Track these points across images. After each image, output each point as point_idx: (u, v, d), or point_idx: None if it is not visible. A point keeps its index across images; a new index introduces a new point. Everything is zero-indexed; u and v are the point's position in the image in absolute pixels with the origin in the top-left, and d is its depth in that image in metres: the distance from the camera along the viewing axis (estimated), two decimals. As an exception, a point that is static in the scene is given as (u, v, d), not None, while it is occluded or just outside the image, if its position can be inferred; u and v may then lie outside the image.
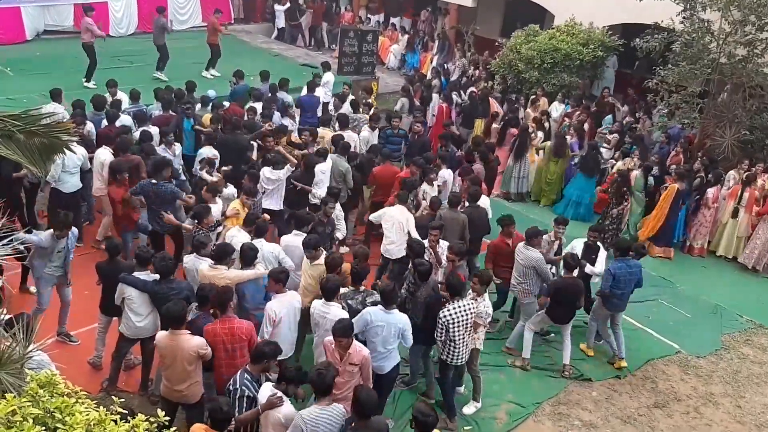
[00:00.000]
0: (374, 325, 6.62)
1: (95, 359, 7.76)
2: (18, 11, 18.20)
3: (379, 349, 6.67)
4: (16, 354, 4.17)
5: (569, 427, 7.70)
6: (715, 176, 11.81)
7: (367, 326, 6.62)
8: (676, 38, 12.72)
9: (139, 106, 11.63)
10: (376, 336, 6.65)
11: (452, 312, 6.98)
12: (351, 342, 6.16)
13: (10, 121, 5.42)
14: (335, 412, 5.50)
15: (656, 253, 11.61)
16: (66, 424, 3.59)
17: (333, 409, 5.49)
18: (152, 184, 8.90)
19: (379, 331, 6.63)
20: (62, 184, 9.51)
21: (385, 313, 6.67)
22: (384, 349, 6.71)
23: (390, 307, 6.71)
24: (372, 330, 6.64)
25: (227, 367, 6.25)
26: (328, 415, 5.43)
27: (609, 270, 8.37)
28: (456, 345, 7.08)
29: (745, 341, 9.70)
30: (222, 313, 6.36)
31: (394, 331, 6.69)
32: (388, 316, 6.68)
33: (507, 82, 16.19)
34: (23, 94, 12.90)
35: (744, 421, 8.09)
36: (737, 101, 12.78)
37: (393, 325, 6.67)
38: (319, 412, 5.39)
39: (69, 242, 7.66)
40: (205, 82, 15.18)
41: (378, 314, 6.67)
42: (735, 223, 11.68)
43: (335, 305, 6.72)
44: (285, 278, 6.92)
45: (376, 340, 6.66)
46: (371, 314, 6.65)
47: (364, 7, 23.59)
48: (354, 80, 16.65)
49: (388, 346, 6.71)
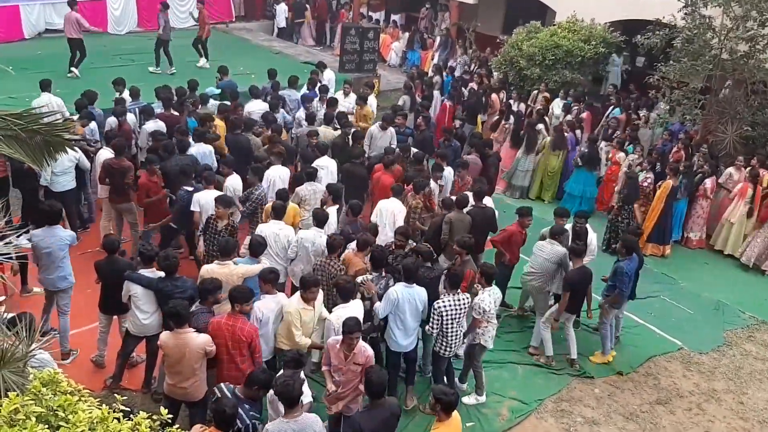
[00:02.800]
0: (401, 302, 6.90)
1: (98, 358, 7.79)
2: (16, 9, 18.22)
3: (407, 325, 7.01)
4: (19, 352, 4.18)
5: (572, 423, 7.70)
6: (711, 167, 11.81)
7: (396, 305, 6.88)
8: (677, 34, 12.69)
9: (140, 103, 11.63)
10: (404, 313, 6.97)
11: (446, 303, 7.09)
12: (358, 340, 6.17)
13: (12, 120, 5.44)
14: (305, 424, 5.26)
15: (649, 251, 11.46)
16: (69, 422, 3.60)
17: (302, 422, 5.24)
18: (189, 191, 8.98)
19: (407, 307, 6.94)
20: (52, 184, 9.56)
21: (408, 288, 6.96)
22: (412, 324, 7.06)
23: (411, 282, 6.99)
24: (400, 307, 6.92)
25: (228, 364, 6.24)
26: (298, 429, 5.20)
27: (625, 272, 8.28)
28: (447, 336, 7.20)
29: (748, 337, 9.70)
30: (233, 310, 6.29)
31: (419, 305, 7.03)
32: (411, 290, 6.99)
33: (508, 79, 16.17)
34: (25, 93, 12.86)
35: (746, 418, 8.09)
36: (739, 97, 12.76)
37: (417, 300, 7.00)
38: (285, 426, 5.17)
39: (53, 241, 7.41)
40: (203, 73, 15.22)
41: (403, 291, 6.94)
42: (743, 221, 11.65)
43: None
44: (274, 278, 6.92)
45: (404, 316, 6.94)
46: (397, 292, 6.91)
47: (366, 5, 23.57)
48: (355, 78, 16.64)
49: (414, 322, 7.06)
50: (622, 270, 8.31)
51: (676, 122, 13.60)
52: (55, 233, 7.47)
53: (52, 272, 7.50)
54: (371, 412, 5.50)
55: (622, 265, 8.34)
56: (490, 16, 20.50)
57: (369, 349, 6.30)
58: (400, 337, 7.10)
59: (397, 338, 7.12)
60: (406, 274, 7.04)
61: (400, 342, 7.13)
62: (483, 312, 7.36)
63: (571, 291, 8.21)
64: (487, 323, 7.47)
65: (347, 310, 6.60)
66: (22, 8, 18.33)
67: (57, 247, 7.43)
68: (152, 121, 10.76)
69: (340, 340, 6.18)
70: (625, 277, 8.30)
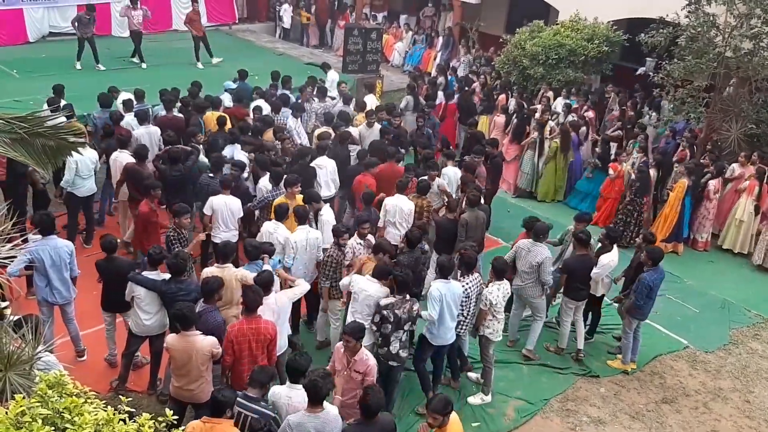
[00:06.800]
0: (446, 299, 7.06)
1: (110, 357, 7.88)
2: (20, 13, 18.27)
3: (451, 318, 7.20)
4: (25, 355, 4.19)
5: (577, 423, 7.69)
6: (717, 168, 11.79)
7: (441, 302, 7.03)
8: (681, 32, 12.65)
9: (144, 105, 11.65)
10: (448, 307, 7.13)
11: (440, 287, 7.11)
12: (359, 347, 6.19)
13: (17, 123, 5.45)
14: (327, 418, 5.36)
15: (667, 250, 11.50)
16: (75, 424, 3.61)
17: (324, 418, 5.34)
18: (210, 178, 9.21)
19: (450, 302, 7.14)
20: (77, 188, 9.62)
21: (446, 284, 7.14)
22: (451, 318, 7.21)
23: (448, 278, 7.17)
24: (446, 303, 7.07)
25: (249, 364, 6.22)
26: (319, 423, 5.30)
27: (646, 283, 8.02)
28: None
29: (754, 336, 9.67)
30: (250, 313, 6.33)
31: (458, 298, 7.25)
32: (450, 285, 7.18)
33: (511, 78, 16.14)
34: (30, 96, 12.91)
35: (753, 416, 8.06)
36: (743, 95, 12.71)
37: (455, 294, 7.21)
38: (306, 419, 5.28)
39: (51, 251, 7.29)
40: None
41: (443, 287, 7.11)
42: (751, 219, 11.63)
43: (376, 282, 7.06)
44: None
45: (446, 311, 7.12)
46: (440, 290, 7.07)
47: (368, 5, 23.57)
48: (358, 78, 16.65)
49: (454, 315, 7.24)
50: (644, 282, 8.03)
51: (679, 121, 13.56)
52: (55, 243, 7.41)
53: (59, 284, 7.42)
54: (364, 426, 5.37)
55: (645, 276, 8.06)
56: (493, 15, 20.47)
57: (372, 359, 6.31)
58: (443, 331, 7.25)
59: (439, 332, 7.25)
60: (443, 270, 7.20)
61: (443, 335, 7.30)
62: (490, 304, 7.39)
63: (569, 276, 8.29)
64: (492, 317, 7.49)
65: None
66: (27, 12, 18.35)
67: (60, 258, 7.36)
68: (143, 127, 10.72)
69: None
70: (645, 288, 8.05)
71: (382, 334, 6.86)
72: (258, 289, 6.50)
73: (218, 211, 8.73)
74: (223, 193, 8.80)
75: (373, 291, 7.02)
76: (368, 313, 7.02)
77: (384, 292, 7.02)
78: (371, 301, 6.99)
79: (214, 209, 8.73)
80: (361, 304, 7.04)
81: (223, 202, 8.73)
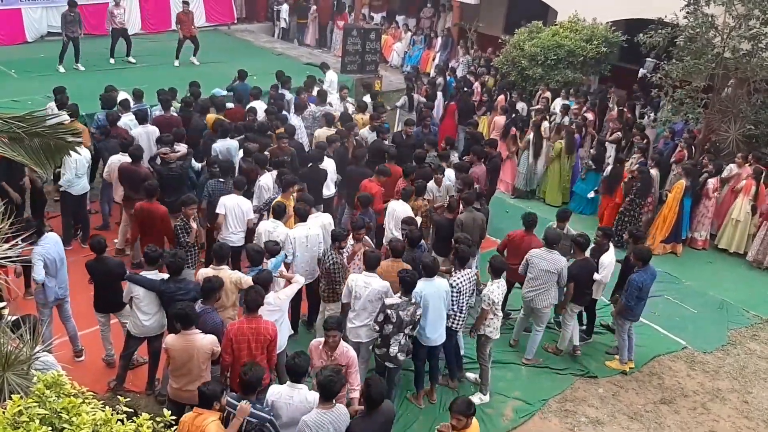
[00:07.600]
0: (427, 298, 7.10)
1: (107, 357, 7.86)
2: (18, 13, 18.24)
3: (438, 317, 7.25)
4: (23, 355, 4.19)
5: (576, 423, 7.69)
6: (715, 167, 11.81)
7: (420, 299, 7.05)
8: (679, 33, 12.67)
9: (143, 105, 11.63)
10: (434, 306, 7.18)
11: (422, 287, 7.12)
12: (339, 341, 6.23)
13: (15, 123, 5.43)
14: (339, 413, 5.46)
15: (666, 250, 11.61)
16: (72, 425, 3.60)
17: (336, 413, 5.44)
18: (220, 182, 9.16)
19: (437, 300, 7.19)
20: (71, 186, 9.61)
21: (429, 282, 7.18)
22: (437, 317, 7.25)
23: (431, 277, 7.22)
24: (424, 300, 7.09)
25: None
26: (333, 418, 5.39)
27: (635, 284, 8.02)
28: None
29: (752, 336, 9.67)
30: (250, 313, 6.33)
31: (444, 296, 7.27)
32: (433, 283, 7.22)
33: (508, 78, 16.15)
34: (28, 95, 12.90)
35: (751, 417, 8.07)
36: (742, 96, 12.74)
37: (440, 291, 7.24)
38: (323, 417, 5.36)
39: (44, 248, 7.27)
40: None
41: (427, 286, 7.15)
42: (748, 219, 11.64)
43: (376, 276, 7.12)
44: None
45: (431, 310, 7.16)
46: (421, 290, 7.09)
47: (367, 5, 23.58)
48: (357, 78, 16.65)
49: (441, 313, 7.27)
50: (634, 283, 8.02)
51: (678, 121, 13.58)
52: (55, 240, 7.47)
53: (63, 276, 7.49)
54: (368, 418, 5.49)
55: (634, 277, 8.06)
56: (491, 16, 20.49)
57: (351, 350, 6.36)
58: (429, 330, 7.26)
59: (426, 332, 7.26)
60: (426, 270, 7.23)
61: (431, 335, 7.29)
62: (492, 303, 7.39)
63: (576, 283, 8.27)
64: (493, 315, 7.50)
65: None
66: (25, 11, 18.33)
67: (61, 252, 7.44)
68: (142, 127, 10.69)
69: (322, 341, 6.25)
70: (635, 289, 8.05)
71: (383, 335, 6.85)
72: (260, 289, 6.49)
73: (230, 211, 8.73)
74: (235, 193, 8.83)
75: (376, 284, 7.08)
76: (372, 311, 7.05)
77: (385, 286, 7.07)
78: (375, 295, 7.04)
79: (227, 209, 8.72)
80: (365, 302, 7.06)
81: (236, 203, 8.73)
